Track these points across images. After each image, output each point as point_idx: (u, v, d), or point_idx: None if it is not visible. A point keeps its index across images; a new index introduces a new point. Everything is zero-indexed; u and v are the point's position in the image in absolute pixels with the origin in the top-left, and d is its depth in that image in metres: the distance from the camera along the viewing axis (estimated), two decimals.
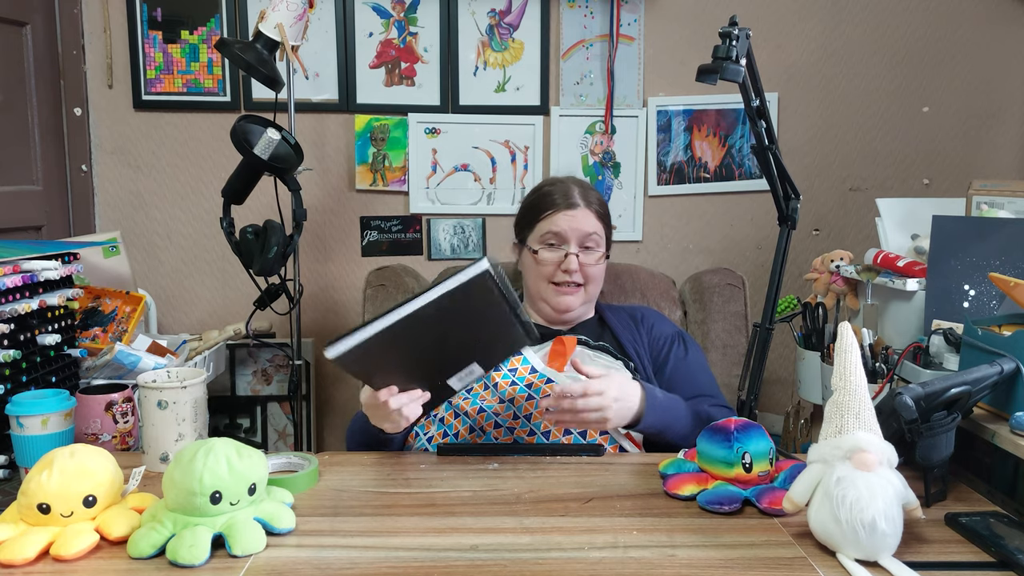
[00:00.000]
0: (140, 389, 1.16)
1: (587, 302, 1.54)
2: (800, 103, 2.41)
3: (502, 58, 2.34)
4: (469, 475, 1.15)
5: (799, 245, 2.41)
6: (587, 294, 1.53)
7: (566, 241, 1.50)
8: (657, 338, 1.53)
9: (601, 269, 1.54)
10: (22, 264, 1.28)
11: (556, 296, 1.51)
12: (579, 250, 1.50)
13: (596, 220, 1.53)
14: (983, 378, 1.02)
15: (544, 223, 1.53)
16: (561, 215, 1.51)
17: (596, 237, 1.52)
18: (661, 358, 1.51)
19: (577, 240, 1.50)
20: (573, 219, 1.50)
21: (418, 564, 0.86)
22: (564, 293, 1.51)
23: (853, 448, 0.90)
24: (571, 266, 1.49)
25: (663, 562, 0.87)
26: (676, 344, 1.53)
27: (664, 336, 1.54)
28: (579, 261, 1.49)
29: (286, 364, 2.34)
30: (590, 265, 1.51)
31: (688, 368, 1.50)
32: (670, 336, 1.54)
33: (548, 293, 1.52)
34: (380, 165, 2.36)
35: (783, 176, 1.35)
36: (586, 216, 1.51)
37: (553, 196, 1.54)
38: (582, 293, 1.52)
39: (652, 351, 1.52)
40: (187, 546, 0.86)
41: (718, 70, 1.22)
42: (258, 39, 1.82)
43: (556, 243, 1.51)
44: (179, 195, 2.37)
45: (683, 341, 1.54)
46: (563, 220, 1.51)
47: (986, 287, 1.46)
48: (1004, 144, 2.45)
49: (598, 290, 1.56)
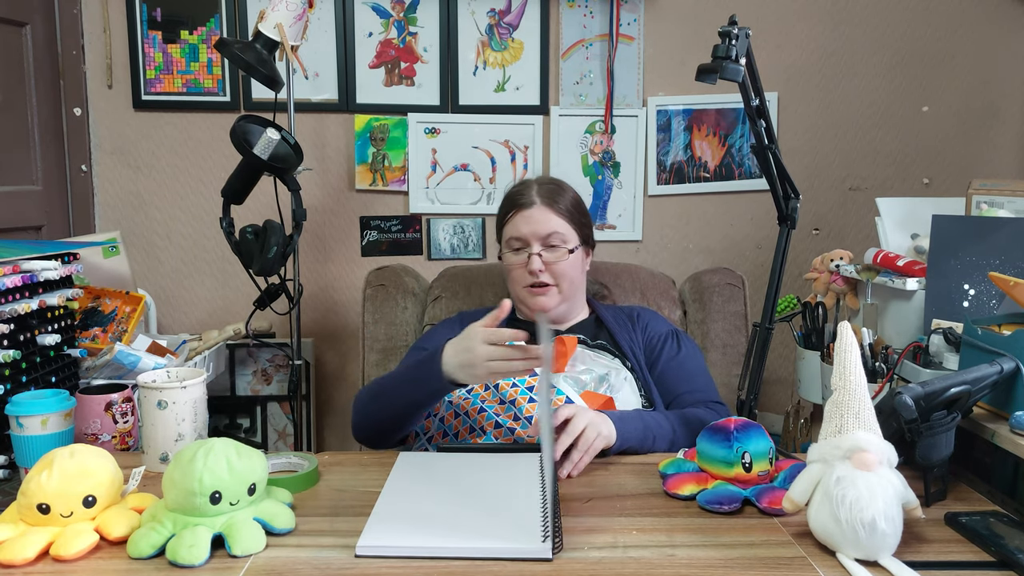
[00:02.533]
0: (140, 389, 1.16)
1: (566, 300, 1.53)
2: (800, 103, 2.41)
3: (502, 58, 2.34)
4: None
5: (799, 245, 2.41)
6: (562, 292, 1.51)
7: (527, 243, 1.50)
8: (652, 336, 1.53)
9: (570, 265, 1.51)
10: (22, 264, 1.28)
11: (531, 298, 1.51)
12: (542, 249, 1.49)
13: (557, 217, 1.51)
14: (983, 377, 1.02)
15: (507, 227, 1.53)
16: (519, 217, 1.51)
17: (558, 236, 1.49)
18: (654, 355, 1.51)
19: (538, 240, 1.49)
20: (529, 220, 1.50)
21: (418, 564, 0.86)
22: (537, 294, 1.50)
23: (853, 448, 0.90)
24: (533, 266, 1.48)
25: (663, 562, 0.87)
26: (669, 341, 1.53)
27: (659, 334, 1.54)
28: (543, 260, 1.48)
29: (286, 364, 2.34)
30: (555, 263, 1.49)
31: (680, 364, 1.49)
32: (664, 334, 1.54)
33: (524, 296, 1.52)
34: (380, 165, 2.36)
35: (783, 176, 1.35)
36: (544, 214, 1.50)
37: (512, 198, 1.55)
38: (555, 292, 1.50)
39: (647, 349, 1.52)
40: (187, 546, 0.86)
41: (718, 69, 1.22)
42: (258, 39, 1.82)
43: (520, 246, 1.51)
44: (179, 195, 2.36)
45: (677, 338, 1.54)
46: (520, 222, 1.50)
47: (986, 286, 1.46)
48: (1004, 144, 2.45)
49: (575, 287, 1.54)
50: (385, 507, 0.98)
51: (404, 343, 1.83)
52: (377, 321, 1.85)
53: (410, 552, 0.88)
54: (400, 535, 0.90)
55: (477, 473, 1.10)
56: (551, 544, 0.87)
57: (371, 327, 1.85)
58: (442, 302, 1.87)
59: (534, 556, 0.87)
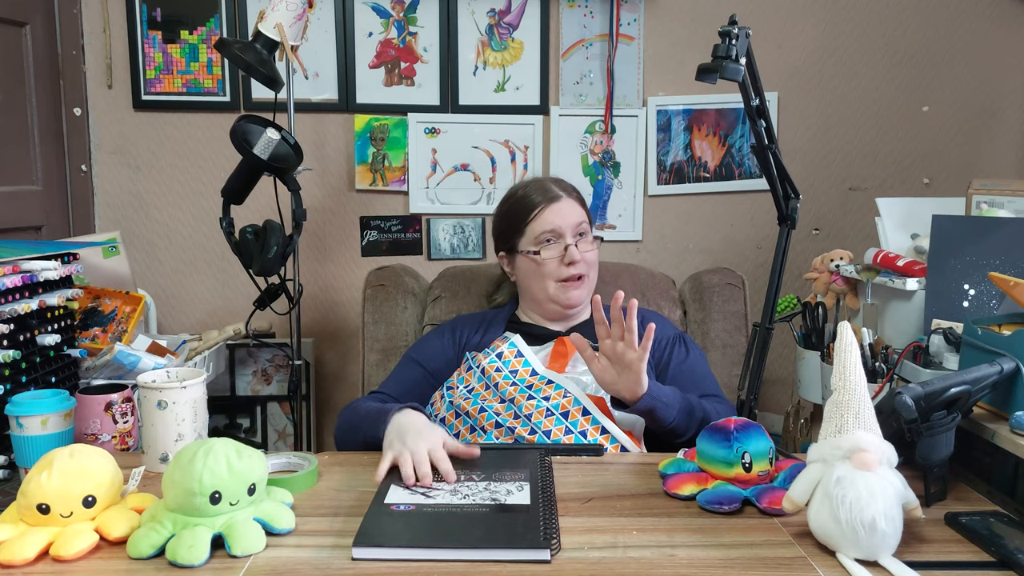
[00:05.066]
0: (140, 389, 1.16)
1: (591, 291, 1.56)
2: (800, 103, 2.41)
3: (502, 58, 2.34)
4: None
5: (799, 245, 2.41)
6: (589, 283, 1.55)
7: (562, 235, 1.51)
8: (658, 340, 1.53)
9: (597, 255, 1.57)
10: (22, 264, 1.28)
11: (565, 293, 1.52)
12: (576, 239, 1.52)
13: (581, 209, 1.56)
14: (983, 378, 1.02)
15: (535, 224, 1.53)
16: (548, 211, 1.52)
17: (585, 224, 1.55)
18: (664, 361, 1.51)
19: (571, 230, 1.52)
20: (560, 212, 1.53)
21: (418, 564, 0.86)
22: (571, 288, 1.52)
23: (853, 448, 0.90)
24: (575, 256, 1.50)
25: (663, 562, 0.87)
26: (677, 346, 1.53)
27: (665, 339, 1.54)
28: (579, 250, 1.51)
29: (286, 364, 2.34)
30: (588, 251, 1.54)
31: (690, 369, 1.50)
32: (671, 339, 1.54)
33: (556, 292, 1.52)
34: (380, 165, 2.36)
35: (783, 176, 1.35)
36: (571, 206, 1.55)
37: (532, 196, 1.55)
38: (586, 283, 1.54)
39: (653, 354, 1.52)
40: (187, 546, 0.86)
41: (718, 69, 1.22)
42: (257, 39, 1.82)
43: (552, 239, 1.52)
44: (179, 195, 2.36)
45: (684, 343, 1.55)
46: (552, 215, 1.52)
47: (986, 286, 1.46)
48: (1004, 143, 2.45)
49: (596, 278, 1.58)
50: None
51: (404, 343, 1.83)
52: (377, 321, 1.85)
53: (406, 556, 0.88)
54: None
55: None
56: (548, 547, 0.87)
57: (371, 327, 1.85)
58: (442, 302, 1.87)
59: (531, 559, 0.87)
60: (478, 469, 1.11)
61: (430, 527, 0.93)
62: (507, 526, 0.93)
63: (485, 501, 1.00)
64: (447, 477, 1.07)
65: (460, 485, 1.05)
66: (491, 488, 1.04)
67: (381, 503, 0.99)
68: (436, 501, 1.00)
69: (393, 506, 0.98)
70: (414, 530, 0.92)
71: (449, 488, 1.04)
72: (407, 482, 1.06)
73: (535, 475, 1.08)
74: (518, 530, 0.91)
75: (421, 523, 0.94)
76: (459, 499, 1.00)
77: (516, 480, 1.06)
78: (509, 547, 0.88)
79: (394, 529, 0.92)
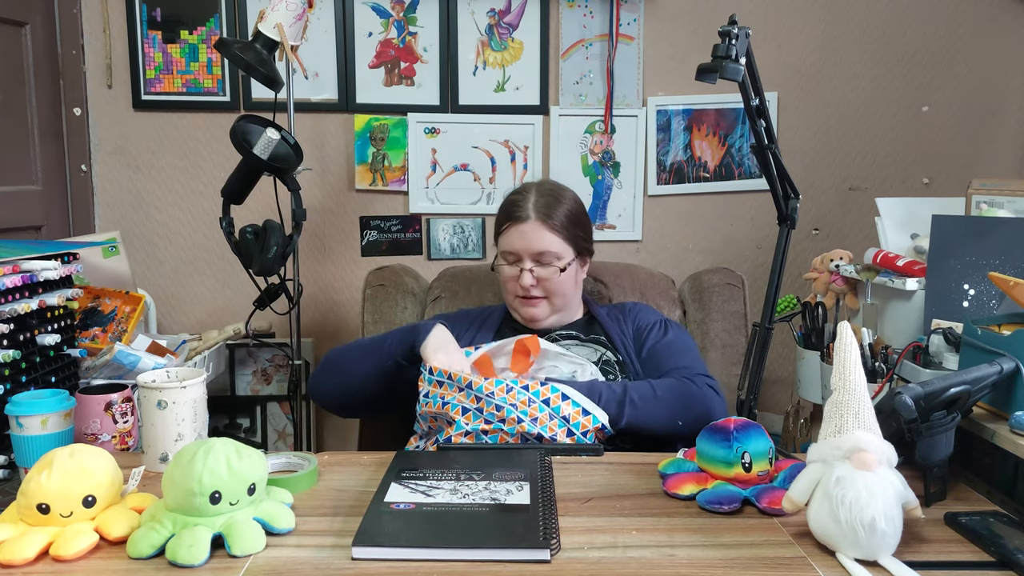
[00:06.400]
0: (140, 389, 1.16)
1: (557, 311, 1.54)
2: (800, 103, 2.41)
3: (501, 58, 2.34)
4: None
5: (799, 245, 2.41)
6: (553, 305, 1.53)
7: (520, 258, 1.51)
8: (641, 327, 1.55)
9: (563, 281, 1.51)
10: (22, 264, 1.28)
11: (522, 308, 1.54)
12: (534, 265, 1.50)
13: (551, 234, 1.49)
14: (983, 377, 1.02)
15: (502, 238, 1.54)
16: (513, 230, 1.51)
17: (551, 254, 1.49)
18: (641, 342, 1.52)
19: (530, 257, 1.50)
20: (523, 236, 1.50)
21: (417, 564, 0.86)
22: (527, 305, 1.53)
23: (853, 448, 0.90)
24: (525, 282, 1.49)
25: (663, 562, 0.87)
26: (657, 328, 1.54)
27: (647, 323, 1.55)
28: (535, 275, 1.49)
29: (286, 364, 2.34)
30: (547, 280, 1.50)
31: (666, 346, 1.50)
32: (652, 323, 1.56)
33: (516, 304, 1.55)
34: (380, 165, 2.36)
35: (783, 176, 1.35)
36: (537, 231, 1.49)
37: (507, 209, 1.54)
38: (546, 305, 1.53)
39: (636, 340, 1.54)
40: (186, 546, 0.86)
41: (718, 69, 1.22)
42: (257, 39, 1.82)
43: (512, 260, 1.52)
44: (179, 195, 2.36)
45: (665, 325, 1.55)
46: (514, 236, 1.51)
47: (986, 286, 1.46)
48: (1004, 144, 2.45)
49: (567, 299, 1.55)
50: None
51: None
52: (377, 321, 1.85)
53: (406, 556, 0.88)
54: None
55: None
56: (548, 547, 0.87)
57: (371, 327, 1.85)
58: (442, 302, 1.87)
59: (531, 559, 0.87)
60: (478, 469, 1.11)
61: (430, 527, 0.93)
62: (507, 526, 0.93)
63: (485, 501, 0.99)
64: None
65: (460, 484, 1.05)
66: (491, 488, 1.04)
67: (381, 502, 0.99)
68: (436, 500, 0.99)
69: (393, 505, 0.98)
70: (414, 530, 0.92)
71: (449, 487, 1.04)
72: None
73: (535, 475, 1.08)
74: (518, 530, 0.91)
75: (421, 523, 0.94)
76: (459, 499, 1.00)
77: (516, 480, 1.06)
78: (509, 547, 0.88)
79: (394, 529, 0.92)
